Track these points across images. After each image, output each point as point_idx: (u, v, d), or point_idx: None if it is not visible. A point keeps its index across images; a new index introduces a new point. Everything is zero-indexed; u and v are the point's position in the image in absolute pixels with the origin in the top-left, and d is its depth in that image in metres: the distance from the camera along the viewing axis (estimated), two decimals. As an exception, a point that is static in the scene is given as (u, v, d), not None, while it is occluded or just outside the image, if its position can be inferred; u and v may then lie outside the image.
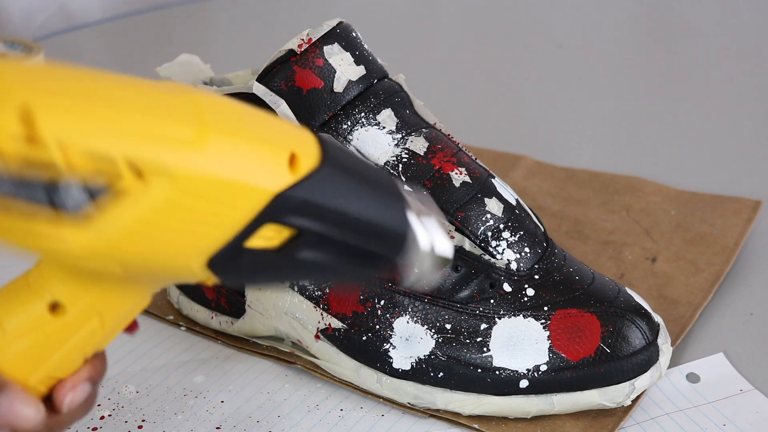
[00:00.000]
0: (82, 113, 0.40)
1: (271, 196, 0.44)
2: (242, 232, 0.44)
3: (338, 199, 0.45)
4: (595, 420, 0.62)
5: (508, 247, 0.63)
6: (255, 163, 0.43)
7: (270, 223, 0.44)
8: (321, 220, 0.45)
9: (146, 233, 0.42)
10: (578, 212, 0.82)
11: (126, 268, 0.44)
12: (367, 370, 0.63)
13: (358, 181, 0.46)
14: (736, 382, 0.65)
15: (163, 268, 0.44)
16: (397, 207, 0.47)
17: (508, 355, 0.61)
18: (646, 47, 1.21)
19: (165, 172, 0.41)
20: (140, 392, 0.65)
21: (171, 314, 0.71)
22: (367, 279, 0.53)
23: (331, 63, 0.63)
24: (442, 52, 1.21)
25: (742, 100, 1.05)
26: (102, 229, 0.41)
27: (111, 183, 0.41)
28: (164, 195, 0.42)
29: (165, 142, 0.41)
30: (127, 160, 0.41)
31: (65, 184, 0.40)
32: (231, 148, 0.43)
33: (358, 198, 0.46)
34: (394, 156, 0.63)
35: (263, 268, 0.46)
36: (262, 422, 0.63)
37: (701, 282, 0.74)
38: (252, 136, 0.44)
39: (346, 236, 0.46)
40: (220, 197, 0.43)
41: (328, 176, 0.45)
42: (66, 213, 0.41)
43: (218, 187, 0.43)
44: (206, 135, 0.42)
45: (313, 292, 0.64)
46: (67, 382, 0.47)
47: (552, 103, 1.05)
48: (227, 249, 0.44)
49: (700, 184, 0.87)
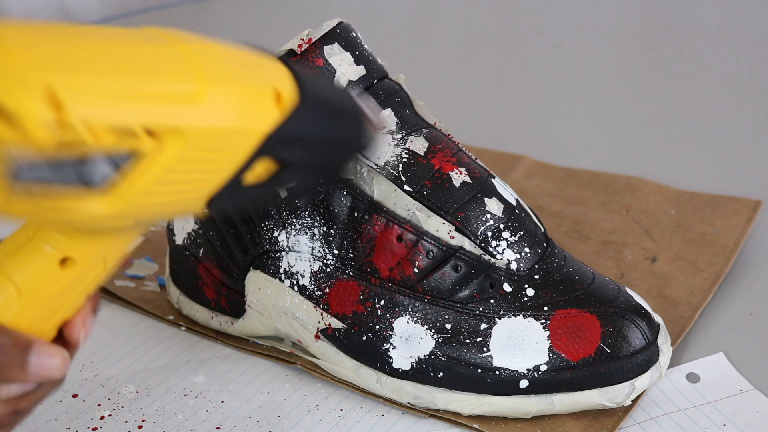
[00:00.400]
0: (99, 88, 0.42)
1: (265, 135, 0.47)
2: (239, 172, 0.47)
3: (317, 129, 0.49)
4: (595, 420, 0.62)
5: (508, 247, 0.63)
6: (249, 106, 0.46)
7: (262, 158, 0.47)
8: (305, 150, 0.49)
9: (161, 190, 0.45)
10: (578, 212, 0.82)
11: (138, 221, 0.46)
12: (367, 370, 0.63)
13: (332, 108, 0.50)
14: (736, 382, 0.65)
15: (171, 215, 0.48)
16: (360, 119, 0.52)
17: (508, 355, 0.61)
18: (646, 47, 1.21)
19: (176, 130, 0.43)
20: (140, 392, 0.65)
21: (171, 314, 0.71)
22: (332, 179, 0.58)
23: (331, 63, 0.63)
24: (442, 52, 1.21)
25: (742, 100, 1.05)
26: (124, 194, 0.43)
27: (131, 150, 0.43)
28: (176, 151, 0.44)
29: (171, 100, 0.43)
30: (144, 126, 0.43)
31: (93, 160, 0.42)
32: (227, 96, 0.45)
33: (333, 124, 0.50)
34: (394, 156, 0.63)
35: (252, 198, 0.49)
36: (262, 422, 0.63)
37: (701, 282, 0.74)
38: (242, 80, 0.46)
39: (324, 159, 0.50)
40: (222, 144, 0.45)
41: (308, 109, 0.48)
42: (94, 187, 0.42)
43: (218, 136, 0.45)
44: (205, 87, 0.44)
45: (313, 292, 0.64)
46: (77, 320, 0.49)
47: (552, 103, 1.05)
48: (226, 189, 0.47)
49: (700, 184, 0.87)
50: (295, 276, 0.64)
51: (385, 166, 0.63)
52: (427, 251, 0.62)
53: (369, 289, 0.62)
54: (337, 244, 0.63)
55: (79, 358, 0.67)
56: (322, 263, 0.63)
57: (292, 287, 0.64)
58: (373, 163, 0.63)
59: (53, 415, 0.63)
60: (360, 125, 0.52)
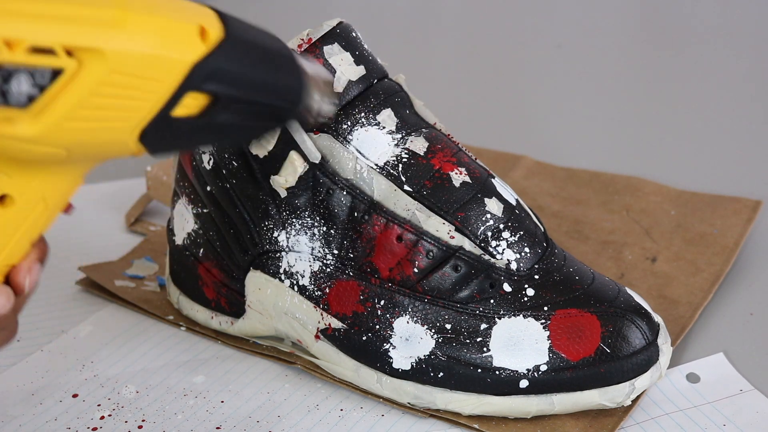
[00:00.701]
0: (18, 8, 0.44)
1: (190, 66, 0.48)
2: (168, 103, 0.49)
3: (244, 64, 0.51)
4: (595, 420, 0.62)
5: (508, 247, 0.63)
6: (172, 36, 0.48)
7: (191, 91, 0.49)
8: (233, 85, 0.50)
9: (86, 114, 0.46)
10: (578, 212, 0.82)
11: (70, 150, 0.47)
12: (367, 370, 0.63)
13: (257, 47, 0.52)
14: (736, 382, 0.65)
15: (102, 146, 0.49)
16: (291, 63, 0.54)
17: (508, 355, 0.61)
18: (646, 47, 1.21)
19: (96, 51, 0.45)
20: (140, 392, 0.65)
21: (171, 314, 0.71)
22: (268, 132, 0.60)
23: (331, 63, 0.63)
24: (442, 52, 1.21)
25: (742, 101, 1.05)
26: (48, 115, 0.45)
27: (53, 69, 0.45)
28: (98, 74, 0.46)
29: (92, 23, 0.45)
30: (63, 45, 0.45)
31: (14, 77, 0.44)
32: (149, 25, 0.47)
33: (259, 62, 0.52)
34: (394, 156, 0.63)
35: (187, 134, 0.51)
36: (262, 422, 0.63)
37: (701, 282, 0.74)
38: (166, 14, 0.48)
39: (255, 96, 0.52)
40: (145, 72, 0.47)
41: (234, 45, 0.50)
42: (18, 108, 0.44)
43: (143, 61, 0.47)
44: (125, 14, 0.46)
45: (313, 292, 0.64)
46: (23, 266, 0.51)
47: (552, 103, 1.05)
48: (157, 120, 0.49)
49: (700, 184, 0.87)
50: (295, 276, 0.64)
51: (385, 166, 0.63)
52: (427, 251, 0.62)
53: (369, 289, 0.62)
54: (337, 244, 0.63)
55: (79, 358, 0.68)
56: (322, 263, 0.63)
57: (292, 287, 0.64)
58: (373, 163, 0.63)
59: (53, 415, 0.63)
60: (293, 75, 0.54)
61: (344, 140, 0.63)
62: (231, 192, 0.65)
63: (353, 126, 0.63)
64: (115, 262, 0.76)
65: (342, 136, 0.63)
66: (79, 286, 0.74)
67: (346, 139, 0.63)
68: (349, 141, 0.63)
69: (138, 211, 0.82)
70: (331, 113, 0.60)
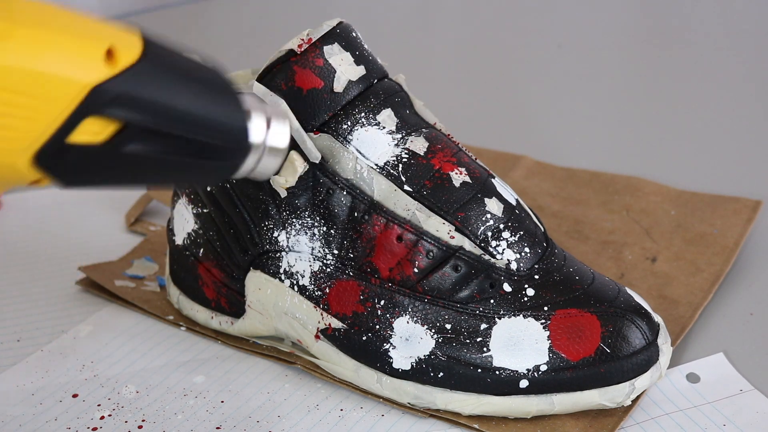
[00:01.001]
0: None
1: (87, 89, 0.45)
2: (62, 127, 0.45)
3: (158, 91, 0.47)
4: (595, 420, 0.62)
5: (508, 247, 0.63)
6: (65, 55, 0.44)
7: (91, 116, 0.45)
8: (142, 112, 0.46)
9: None
10: (578, 212, 0.82)
11: None
12: (367, 370, 0.63)
13: (179, 75, 0.48)
14: (736, 382, 0.65)
15: None
16: (226, 100, 0.50)
17: (508, 355, 0.61)
18: (646, 47, 1.21)
19: None
20: (140, 392, 0.65)
21: (171, 314, 0.71)
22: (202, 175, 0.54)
23: (331, 63, 0.63)
24: (442, 52, 1.21)
25: (741, 101, 1.05)
26: None
27: None
28: None
29: None
30: None
31: None
32: (39, 40, 0.44)
33: (178, 91, 0.47)
34: (394, 156, 0.63)
35: (93, 164, 0.47)
36: (262, 422, 0.63)
37: (701, 282, 0.74)
38: (63, 30, 0.45)
39: (174, 128, 0.47)
40: (32, 90, 0.44)
41: (147, 69, 0.46)
42: None
43: (28, 79, 0.44)
44: (13, 28, 0.43)
45: (313, 292, 0.64)
46: None
47: (552, 103, 1.05)
48: (50, 144, 0.45)
49: (700, 184, 0.87)
50: (295, 276, 0.64)
51: (385, 166, 0.63)
52: (427, 251, 0.62)
53: (369, 289, 0.62)
54: (337, 244, 0.63)
55: (79, 358, 0.68)
56: (322, 263, 0.63)
57: (292, 287, 0.64)
58: (373, 163, 0.63)
59: (53, 415, 0.63)
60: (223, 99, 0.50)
61: (344, 140, 0.63)
62: (231, 192, 0.65)
63: (353, 126, 0.63)
64: (115, 262, 0.76)
65: (342, 136, 0.63)
66: (79, 286, 0.74)
67: (346, 139, 0.63)
68: (349, 141, 0.63)
69: (138, 211, 0.83)
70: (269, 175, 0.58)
